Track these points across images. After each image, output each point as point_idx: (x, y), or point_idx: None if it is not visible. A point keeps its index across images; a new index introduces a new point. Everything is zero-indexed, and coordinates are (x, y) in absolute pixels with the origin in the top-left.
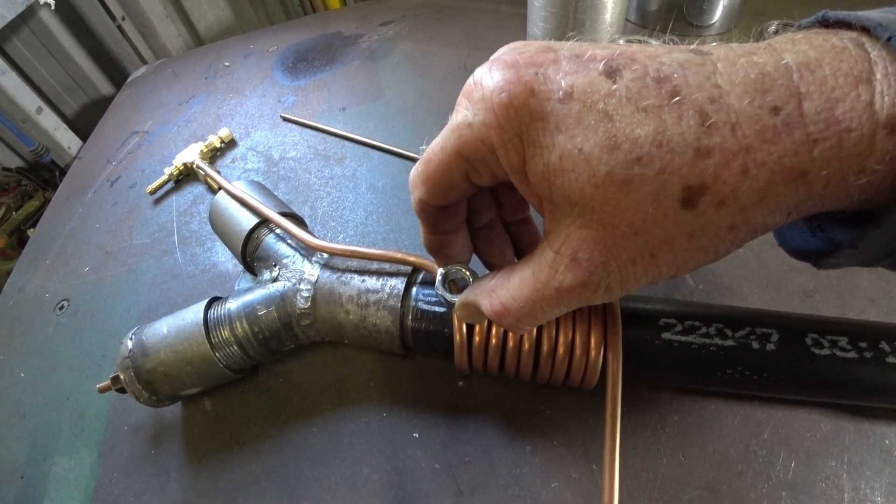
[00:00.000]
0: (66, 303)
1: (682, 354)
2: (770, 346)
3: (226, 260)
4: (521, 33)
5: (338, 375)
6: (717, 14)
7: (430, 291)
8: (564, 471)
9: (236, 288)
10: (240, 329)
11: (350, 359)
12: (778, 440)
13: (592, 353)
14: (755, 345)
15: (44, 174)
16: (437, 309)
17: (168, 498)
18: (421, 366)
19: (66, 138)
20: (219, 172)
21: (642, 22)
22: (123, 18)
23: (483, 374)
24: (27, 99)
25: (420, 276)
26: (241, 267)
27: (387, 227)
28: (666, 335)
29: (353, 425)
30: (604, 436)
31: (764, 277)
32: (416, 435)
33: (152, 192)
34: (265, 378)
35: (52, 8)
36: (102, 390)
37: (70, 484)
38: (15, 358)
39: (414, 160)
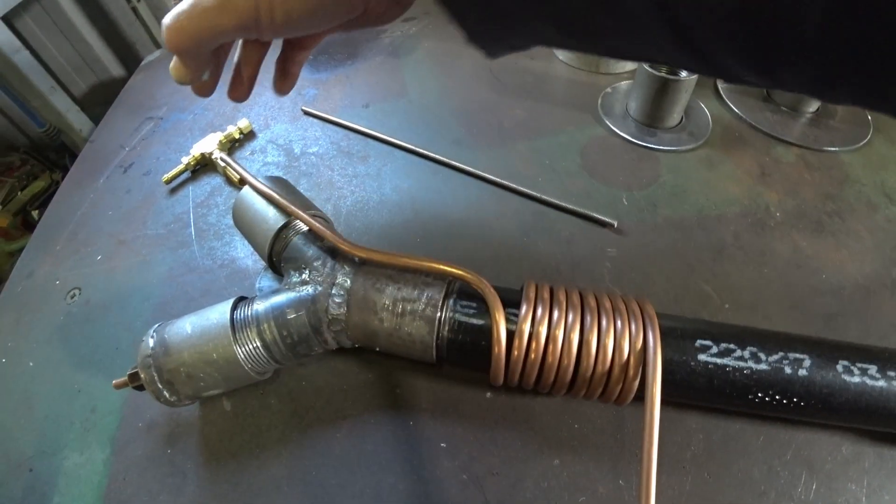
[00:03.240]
0: (77, 291)
1: (718, 377)
2: (802, 372)
3: (245, 256)
4: None
5: (362, 381)
6: None
7: (468, 303)
8: (591, 485)
9: (258, 286)
10: (267, 332)
11: (375, 365)
12: (800, 461)
13: (631, 371)
14: (788, 370)
15: (50, 154)
16: (474, 321)
17: (184, 499)
18: (448, 375)
19: (78, 120)
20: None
21: None
22: (139, 0)
23: (516, 387)
24: (40, 78)
25: (457, 287)
26: (261, 264)
27: (413, 231)
28: (702, 357)
29: (379, 433)
30: (641, 458)
31: (788, 299)
32: (443, 445)
33: (168, 182)
34: (287, 381)
35: None
36: (119, 386)
37: (81, 480)
38: (23, 346)
39: (440, 163)
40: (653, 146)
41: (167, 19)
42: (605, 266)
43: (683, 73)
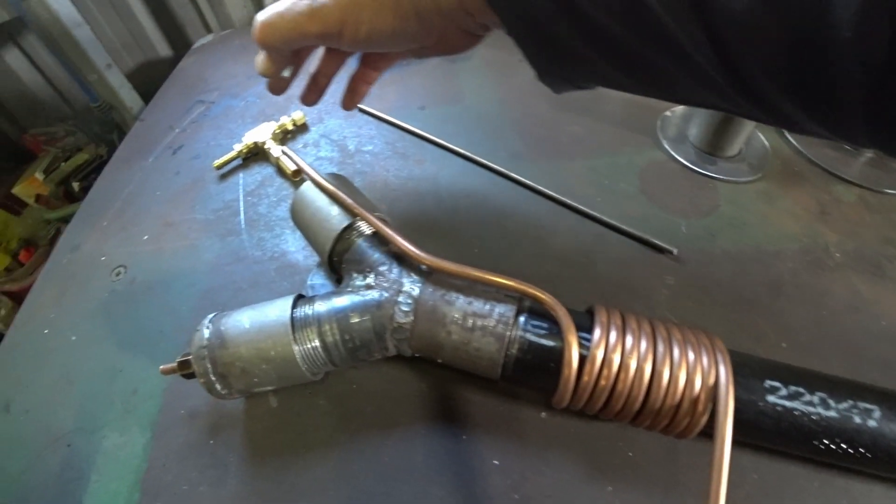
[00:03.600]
0: (122, 269)
1: (785, 420)
2: (871, 423)
3: (296, 250)
4: None
5: (415, 390)
6: None
7: (539, 322)
8: None
9: (309, 283)
10: (329, 334)
11: (429, 374)
12: None
13: (700, 406)
14: (857, 419)
15: (95, 128)
16: (545, 342)
17: (225, 493)
18: (505, 391)
19: (130, 98)
20: (309, 165)
21: None
22: None
23: (578, 411)
24: (98, 54)
25: (527, 305)
26: (312, 259)
27: (469, 241)
28: (771, 398)
29: (430, 444)
30: (709, 495)
31: (845, 343)
32: (495, 462)
33: (219, 167)
34: (336, 383)
35: None
36: (166, 372)
37: (119, 462)
38: (65, 319)
39: (498, 174)
40: (712, 175)
41: (261, 15)
42: (662, 293)
43: None
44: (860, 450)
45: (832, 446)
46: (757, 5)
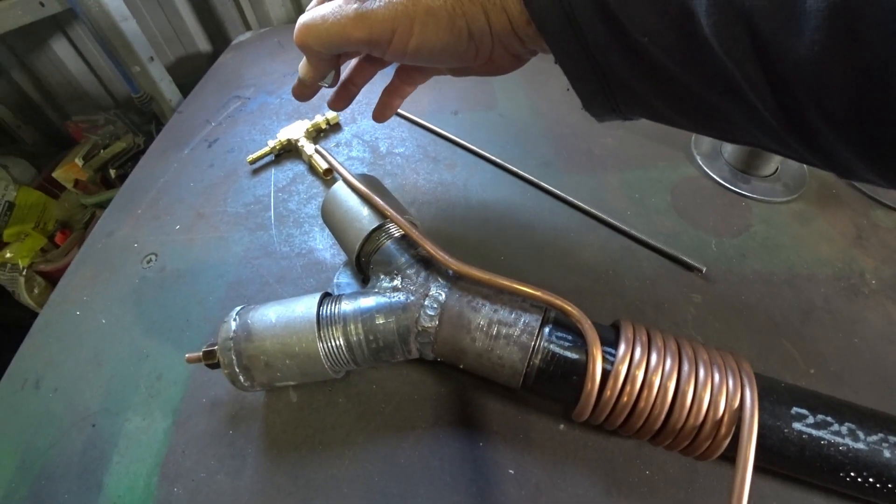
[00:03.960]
0: (153, 257)
1: (811, 448)
2: None
3: (323, 248)
4: None
5: (435, 393)
6: None
7: (564, 334)
8: None
9: (336, 281)
10: (353, 333)
11: (450, 379)
12: None
13: (723, 429)
14: (887, 453)
15: (134, 118)
16: (569, 354)
17: (242, 483)
18: (523, 399)
19: (169, 90)
20: (342, 165)
21: None
22: None
23: (597, 425)
24: (142, 47)
25: (553, 316)
26: (339, 258)
27: (496, 248)
28: (797, 425)
29: (447, 449)
30: None
31: (876, 372)
32: (511, 471)
33: (252, 162)
34: (356, 381)
35: None
36: (191, 361)
37: (141, 445)
38: (97, 302)
39: (529, 182)
40: (745, 193)
41: (304, 17)
42: (690, 312)
43: None
44: (889, 485)
45: (859, 479)
46: (823, 52)
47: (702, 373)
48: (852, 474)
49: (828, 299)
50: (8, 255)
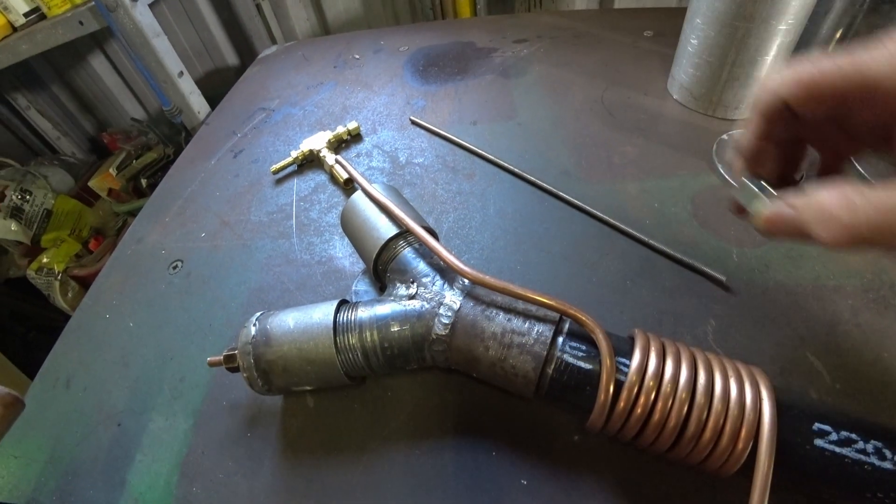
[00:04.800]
0: (179, 263)
1: (833, 466)
2: None
3: (343, 256)
4: (661, 73)
5: (448, 401)
6: None
7: (577, 344)
8: None
9: (354, 289)
10: (369, 340)
11: (463, 387)
12: None
13: (741, 444)
14: None
15: (164, 129)
16: (582, 364)
17: (258, 485)
18: (537, 409)
19: (198, 103)
20: (361, 175)
21: None
22: None
23: (611, 437)
24: (173, 62)
25: (566, 326)
26: (358, 266)
27: (514, 258)
28: (819, 442)
29: (460, 457)
30: None
31: None
32: (524, 482)
33: (275, 172)
34: (372, 388)
35: None
36: (213, 364)
37: (163, 444)
38: (126, 306)
39: (548, 192)
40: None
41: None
42: (710, 324)
43: None
44: None
45: (886, 501)
46: None
47: (718, 385)
48: (879, 495)
49: (856, 312)
50: (45, 260)
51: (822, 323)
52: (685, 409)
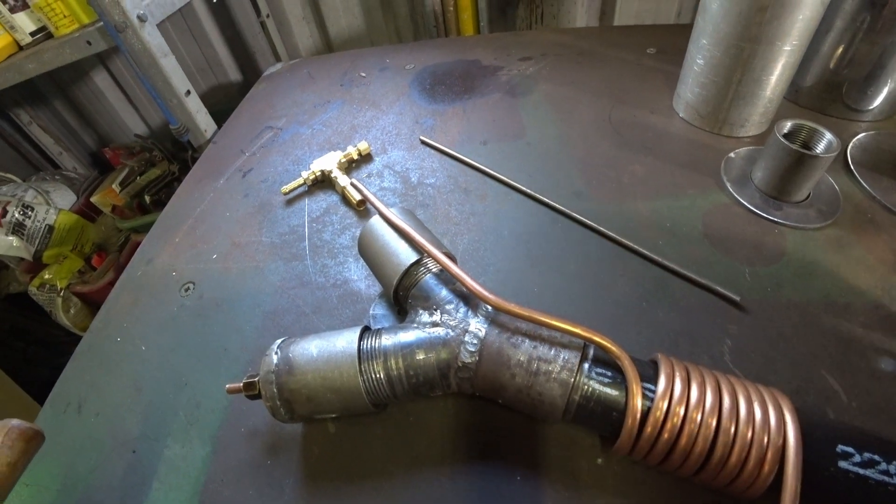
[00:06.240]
0: (191, 285)
1: (858, 488)
2: None
3: (358, 279)
4: (667, 91)
5: (471, 426)
6: (879, 100)
7: (603, 370)
8: None
9: (372, 313)
10: (394, 368)
11: (485, 411)
12: None
13: (766, 467)
14: None
15: (168, 146)
16: (608, 391)
17: None
18: (561, 433)
19: (205, 122)
20: (379, 199)
21: (794, 97)
22: (268, 16)
23: (637, 461)
24: (180, 81)
25: (591, 352)
26: (374, 289)
27: (530, 279)
28: (843, 464)
29: (484, 482)
30: None
31: None
32: None
33: (286, 193)
34: (394, 413)
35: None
36: (232, 392)
37: (180, 472)
38: (137, 329)
39: (560, 212)
40: (778, 220)
41: None
42: (726, 343)
43: (821, 148)
44: None
45: None
46: None
47: (743, 409)
48: None
49: (868, 328)
50: (47, 276)
51: (837, 341)
52: (711, 433)
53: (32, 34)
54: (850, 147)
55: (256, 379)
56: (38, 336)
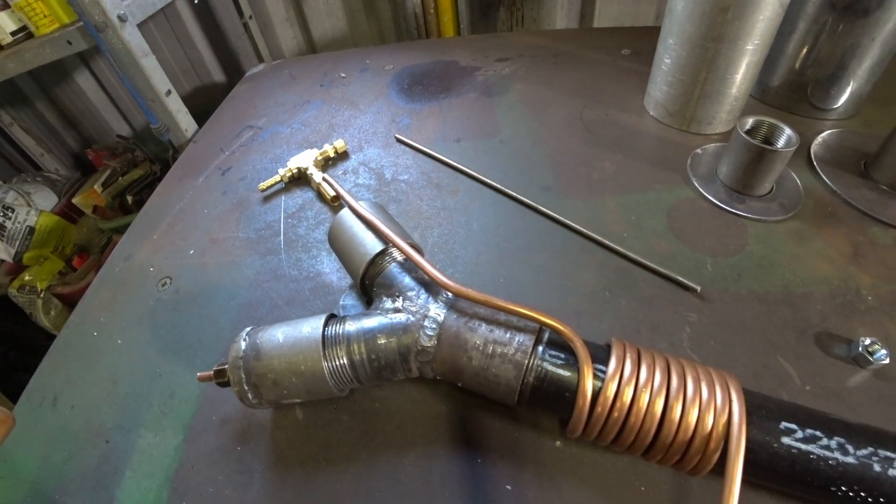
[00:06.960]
0: (168, 280)
1: (800, 462)
2: (892, 472)
3: (330, 272)
4: (638, 91)
5: (435, 412)
6: (843, 100)
7: (556, 353)
8: None
9: (341, 303)
10: (356, 352)
11: (449, 397)
12: None
13: (712, 444)
14: (877, 467)
15: (151, 146)
16: (561, 372)
17: (249, 498)
18: (520, 418)
19: (185, 121)
20: (349, 193)
21: (761, 96)
22: (251, 17)
23: (590, 441)
24: (161, 81)
25: (546, 336)
26: (345, 281)
27: (497, 271)
28: (786, 440)
29: (446, 465)
30: None
31: (875, 390)
32: (508, 487)
33: (263, 190)
34: (360, 399)
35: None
36: (203, 380)
37: (153, 460)
38: (114, 323)
39: (529, 207)
40: (741, 213)
41: None
42: (685, 331)
43: (781, 143)
44: (880, 499)
45: (850, 493)
46: None
47: (690, 389)
48: (843, 489)
49: (824, 317)
50: (27, 277)
51: (793, 328)
52: (659, 412)
53: (13, 34)
54: (813, 144)
55: (226, 366)
56: (19, 340)
